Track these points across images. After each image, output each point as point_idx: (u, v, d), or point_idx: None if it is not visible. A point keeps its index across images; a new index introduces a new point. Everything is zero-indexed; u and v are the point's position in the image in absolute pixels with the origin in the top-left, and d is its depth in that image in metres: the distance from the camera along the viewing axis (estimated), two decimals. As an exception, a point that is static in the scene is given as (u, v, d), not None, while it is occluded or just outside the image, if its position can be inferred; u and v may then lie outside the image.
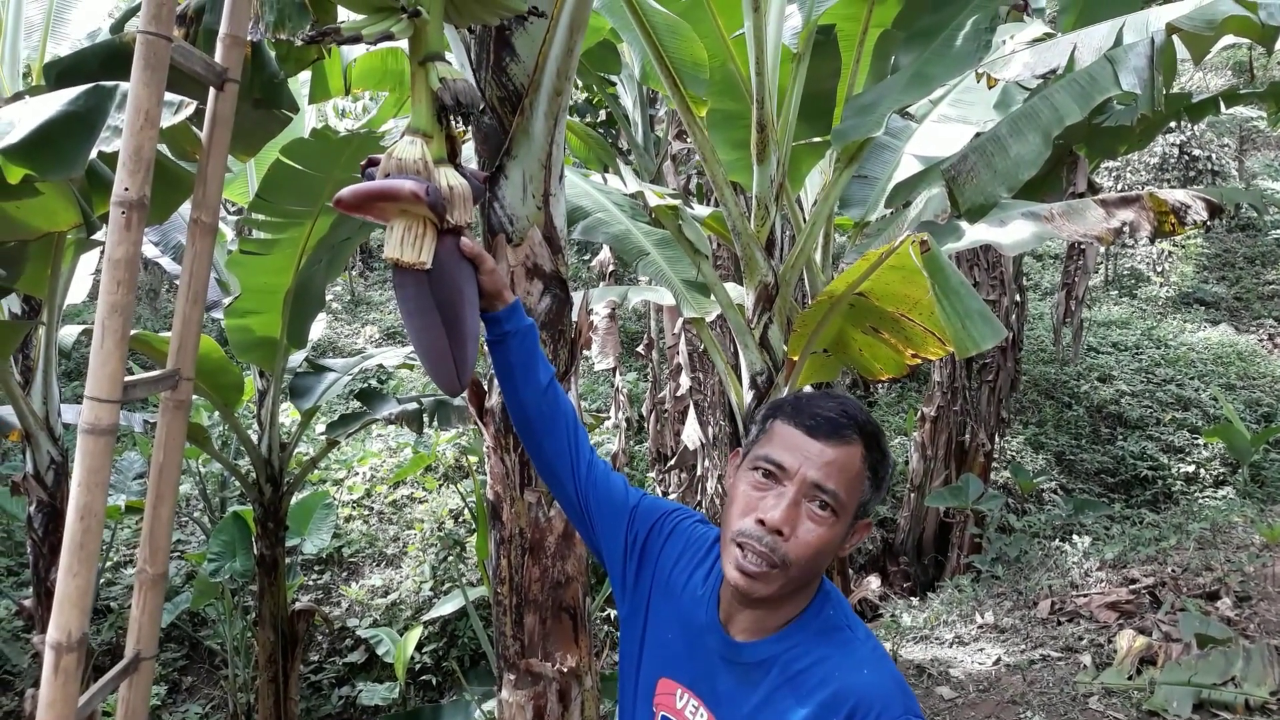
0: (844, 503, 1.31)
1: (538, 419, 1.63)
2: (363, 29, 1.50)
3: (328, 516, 7.49)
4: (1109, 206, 4.71)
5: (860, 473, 1.32)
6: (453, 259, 1.54)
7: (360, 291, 14.14)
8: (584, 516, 1.63)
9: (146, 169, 1.70)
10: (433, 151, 1.53)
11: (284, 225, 4.42)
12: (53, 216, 2.58)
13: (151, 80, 1.70)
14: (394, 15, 1.50)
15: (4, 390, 4.27)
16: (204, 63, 1.89)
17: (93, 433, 1.66)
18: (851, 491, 1.32)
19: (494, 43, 2.13)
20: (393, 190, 1.46)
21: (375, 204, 1.50)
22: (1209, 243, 14.31)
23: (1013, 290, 8.16)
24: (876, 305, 2.84)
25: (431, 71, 1.53)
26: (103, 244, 2.79)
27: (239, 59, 1.98)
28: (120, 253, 1.68)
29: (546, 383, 1.63)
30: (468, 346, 1.58)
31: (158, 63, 1.71)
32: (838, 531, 1.32)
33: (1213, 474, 9.56)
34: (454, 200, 1.52)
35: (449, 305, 1.55)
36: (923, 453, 8.28)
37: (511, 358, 1.62)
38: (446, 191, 1.51)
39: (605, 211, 4.24)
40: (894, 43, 4.04)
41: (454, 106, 1.51)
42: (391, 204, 1.48)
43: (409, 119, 1.57)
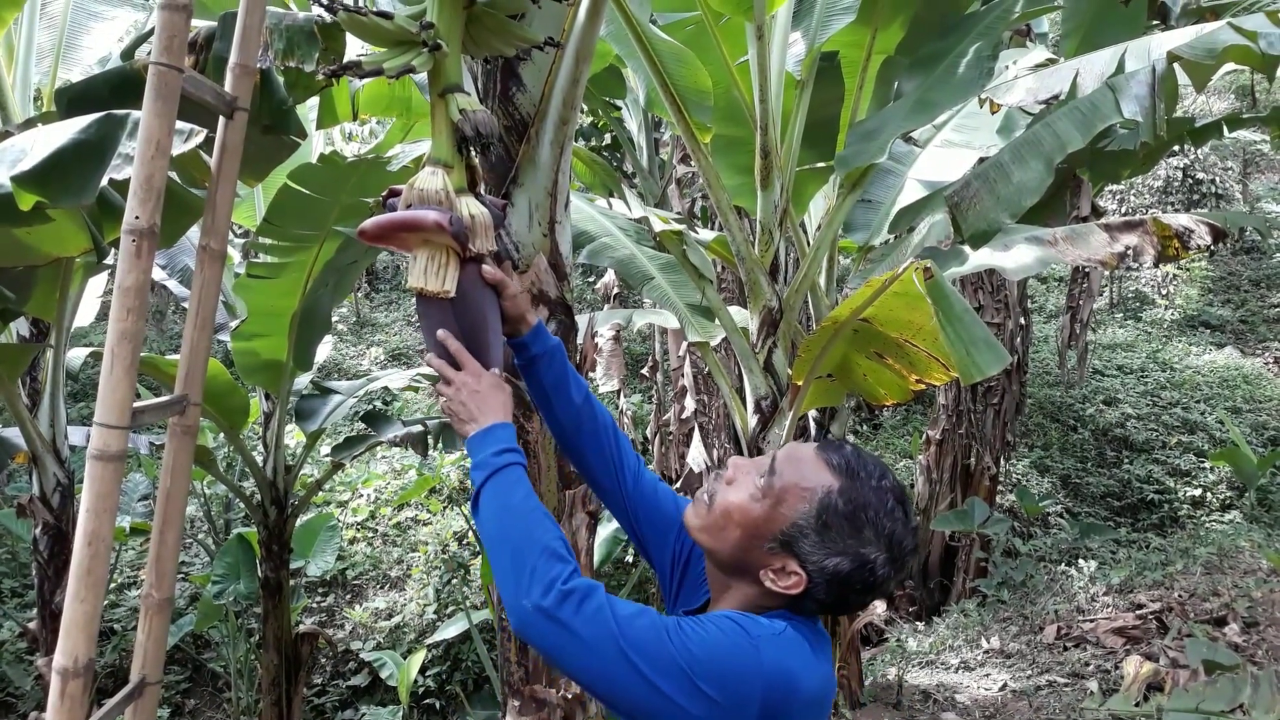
0: (774, 491, 1.32)
1: (577, 435, 1.66)
2: (384, 63, 1.52)
3: (332, 539, 7.49)
4: (1112, 231, 4.73)
5: (812, 492, 1.31)
6: (476, 286, 1.56)
7: (366, 313, 14.17)
8: (634, 527, 1.66)
9: (157, 198, 1.72)
10: (453, 181, 1.55)
11: (291, 249, 4.45)
12: (63, 242, 2.61)
13: (163, 110, 1.72)
14: (415, 49, 1.52)
15: (11, 412, 4.29)
16: (214, 92, 1.91)
17: (101, 459, 1.67)
18: (790, 494, 1.32)
19: (501, 73, 2.16)
20: (416, 221, 1.49)
21: (399, 234, 1.53)
22: (1214, 266, 14.30)
23: (1017, 313, 8.15)
24: (880, 331, 2.86)
25: (452, 103, 1.55)
26: (111, 267, 2.82)
27: (248, 88, 2.00)
28: (130, 280, 1.70)
29: (582, 399, 1.66)
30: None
31: (169, 93, 1.73)
32: (755, 511, 1.33)
33: (1219, 498, 9.51)
34: (476, 229, 1.54)
35: (473, 332, 1.57)
36: (928, 476, 8.25)
37: (543, 379, 1.65)
38: (468, 220, 1.53)
39: (610, 236, 4.27)
40: (897, 69, 4.08)
41: (474, 137, 1.54)
42: (415, 234, 1.51)
43: (429, 150, 1.59)
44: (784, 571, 1.32)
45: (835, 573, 1.30)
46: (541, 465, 2.31)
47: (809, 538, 1.30)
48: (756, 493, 1.34)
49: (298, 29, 2.78)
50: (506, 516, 1.37)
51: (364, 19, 1.53)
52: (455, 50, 1.57)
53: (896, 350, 2.89)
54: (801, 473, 1.33)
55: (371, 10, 1.54)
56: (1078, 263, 4.59)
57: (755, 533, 1.33)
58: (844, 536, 1.30)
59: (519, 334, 1.65)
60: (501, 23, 1.64)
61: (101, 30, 4.94)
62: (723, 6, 3.53)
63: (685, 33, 3.80)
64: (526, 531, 1.33)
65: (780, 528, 1.31)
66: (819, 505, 1.30)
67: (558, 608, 1.23)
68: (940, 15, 3.98)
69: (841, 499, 1.30)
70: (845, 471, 1.32)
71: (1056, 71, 3.61)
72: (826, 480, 1.31)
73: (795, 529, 1.31)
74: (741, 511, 1.34)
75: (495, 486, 1.40)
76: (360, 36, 1.59)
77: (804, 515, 1.31)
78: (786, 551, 1.31)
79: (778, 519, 1.32)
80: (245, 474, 8.00)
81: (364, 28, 1.56)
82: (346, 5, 1.55)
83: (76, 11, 4.86)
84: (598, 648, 1.22)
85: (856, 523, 1.30)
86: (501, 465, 1.42)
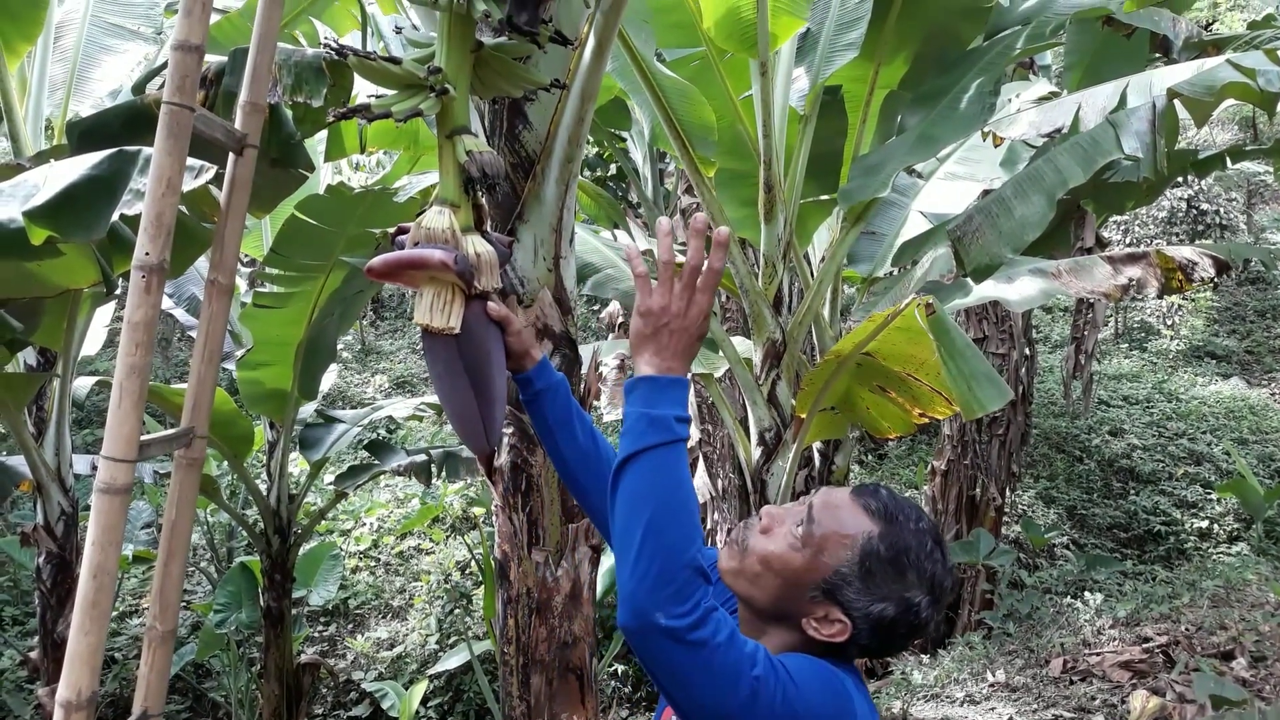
0: (815, 540, 1.31)
1: (581, 470, 1.66)
2: (393, 106, 1.55)
3: (334, 568, 7.47)
4: (1116, 263, 4.74)
5: (853, 540, 1.30)
6: (480, 323, 1.59)
7: (371, 341, 14.22)
8: None
9: (167, 234, 1.74)
10: (460, 220, 1.58)
11: (297, 279, 4.48)
12: (72, 274, 2.63)
13: (174, 149, 1.75)
14: (423, 93, 1.55)
15: (17, 441, 4.30)
16: (224, 130, 1.93)
17: (108, 492, 1.68)
18: (831, 542, 1.31)
19: (507, 111, 2.19)
20: (422, 259, 1.51)
21: (405, 272, 1.55)
22: (1219, 296, 14.30)
23: (1022, 344, 8.16)
24: (883, 365, 2.87)
25: (459, 144, 1.58)
26: (118, 296, 2.84)
27: (258, 125, 2.02)
28: (139, 315, 1.72)
29: (586, 434, 1.66)
30: (496, 408, 1.63)
31: (180, 131, 1.75)
32: (795, 561, 1.31)
33: (1226, 530, 9.45)
34: (481, 267, 1.57)
35: (477, 368, 1.59)
36: (933, 507, 8.23)
37: (547, 414, 1.65)
38: (474, 259, 1.55)
39: (615, 268, 4.29)
40: (900, 103, 4.11)
41: (481, 178, 1.56)
42: (421, 272, 1.53)
43: (437, 189, 1.62)
44: (827, 620, 1.31)
45: (880, 618, 1.29)
46: (545, 499, 2.32)
47: (852, 585, 1.29)
48: (796, 542, 1.32)
49: (306, 65, 2.81)
50: (663, 503, 1.23)
51: (373, 64, 1.56)
52: (463, 93, 1.60)
53: (899, 384, 2.90)
54: (840, 520, 1.32)
55: (380, 55, 1.56)
56: (1081, 295, 4.60)
57: (796, 581, 1.32)
58: (888, 582, 1.29)
59: (523, 369, 1.66)
60: (508, 66, 1.67)
61: (113, 63, 5.00)
62: (727, 43, 3.57)
63: (690, 68, 3.85)
64: (684, 532, 1.22)
65: (823, 576, 1.30)
66: (861, 552, 1.29)
67: (692, 632, 1.17)
68: (942, 51, 4.02)
69: (883, 544, 1.29)
70: (884, 516, 1.31)
71: (1059, 105, 3.65)
72: (866, 526, 1.31)
73: (838, 577, 1.30)
74: (781, 561, 1.33)
75: (667, 457, 1.25)
76: (369, 80, 1.62)
77: (847, 563, 1.30)
78: (829, 600, 1.31)
79: (819, 568, 1.31)
80: (248, 502, 8.00)
81: (373, 72, 1.58)
82: (356, 50, 1.57)
83: (89, 45, 4.93)
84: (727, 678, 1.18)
85: (899, 567, 1.29)
86: (681, 437, 1.28)
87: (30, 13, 4.32)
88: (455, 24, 1.58)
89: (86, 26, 4.92)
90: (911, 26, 4.00)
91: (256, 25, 1.99)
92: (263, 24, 1.99)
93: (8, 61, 4.40)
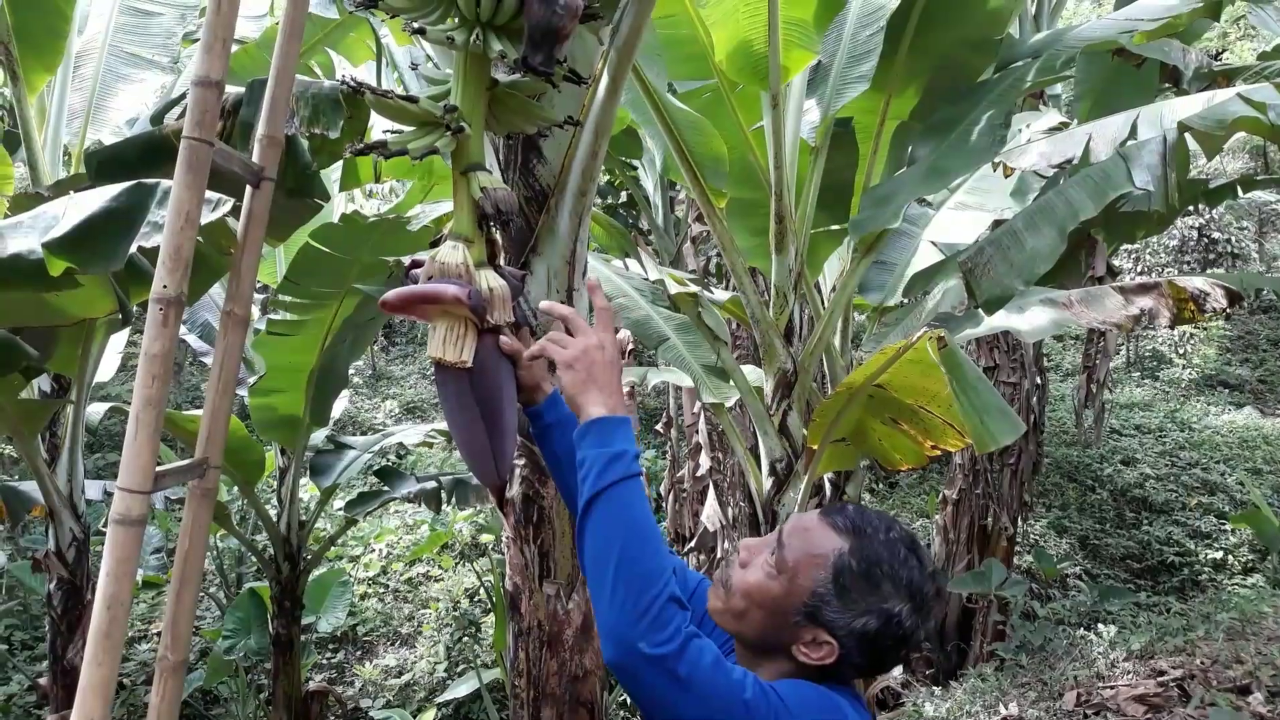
0: (789, 566, 1.33)
1: None
2: (409, 143, 1.57)
3: (343, 594, 7.46)
4: (1127, 293, 4.73)
5: (824, 558, 1.32)
6: (493, 357, 1.60)
7: (381, 366, 14.26)
8: None
9: (185, 268, 1.76)
10: (474, 255, 1.59)
11: (311, 306, 4.51)
12: (89, 304, 2.66)
13: (193, 183, 1.77)
14: (439, 131, 1.57)
15: (30, 468, 4.32)
16: (242, 163, 1.96)
17: (123, 523, 1.69)
18: (803, 564, 1.32)
19: (522, 145, 2.21)
20: (436, 294, 1.53)
21: (419, 306, 1.57)
22: (1231, 325, 14.24)
23: (1033, 372, 8.13)
24: (895, 397, 2.86)
25: (473, 181, 1.60)
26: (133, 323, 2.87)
27: (275, 158, 2.05)
28: (157, 348, 1.73)
29: None
30: (506, 440, 1.64)
31: (199, 166, 1.78)
32: (774, 589, 1.33)
33: (1241, 561, 9.36)
34: (494, 301, 1.58)
35: (489, 401, 1.61)
36: (945, 536, 8.17)
37: (557, 447, 1.66)
38: (487, 293, 1.57)
39: (626, 297, 4.31)
40: (911, 134, 4.13)
41: (494, 214, 1.58)
42: (435, 306, 1.55)
43: (451, 224, 1.64)
44: (815, 643, 1.33)
45: (864, 633, 1.30)
46: (556, 531, 2.32)
47: (831, 604, 1.31)
48: (771, 570, 1.34)
49: (324, 97, 2.85)
50: (633, 535, 1.27)
51: (390, 102, 1.58)
52: (477, 131, 1.61)
53: (912, 416, 2.90)
54: (811, 541, 1.34)
55: (396, 94, 1.58)
56: (1093, 325, 4.59)
57: (778, 609, 1.33)
58: (865, 595, 1.30)
59: (534, 402, 1.68)
60: (523, 103, 1.69)
61: (130, 92, 5.04)
62: (739, 76, 3.60)
63: (701, 100, 3.87)
64: (655, 562, 1.25)
65: (802, 600, 1.32)
66: (833, 569, 1.31)
67: (677, 660, 1.19)
68: (953, 82, 4.04)
69: (854, 559, 1.31)
70: (852, 531, 1.33)
71: (1070, 136, 3.65)
72: (835, 543, 1.33)
73: (816, 598, 1.31)
74: (760, 591, 1.35)
75: (631, 491, 1.31)
76: (386, 116, 1.64)
77: (821, 583, 1.31)
78: (813, 623, 1.32)
79: (797, 592, 1.32)
80: (258, 527, 8.00)
81: (389, 109, 1.60)
82: (373, 88, 1.59)
83: (107, 74, 4.98)
84: (718, 704, 1.20)
85: (873, 579, 1.30)
86: (636, 472, 1.34)
87: (51, 43, 4.39)
88: (471, 63, 1.60)
89: (105, 56, 4.98)
90: (922, 59, 4.02)
91: (275, 59, 2.02)
92: (281, 58, 2.01)
93: (28, 91, 4.46)
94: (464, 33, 1.56)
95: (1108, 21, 3.95)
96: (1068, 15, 15.59)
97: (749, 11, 3.40)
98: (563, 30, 1.50)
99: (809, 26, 3.49)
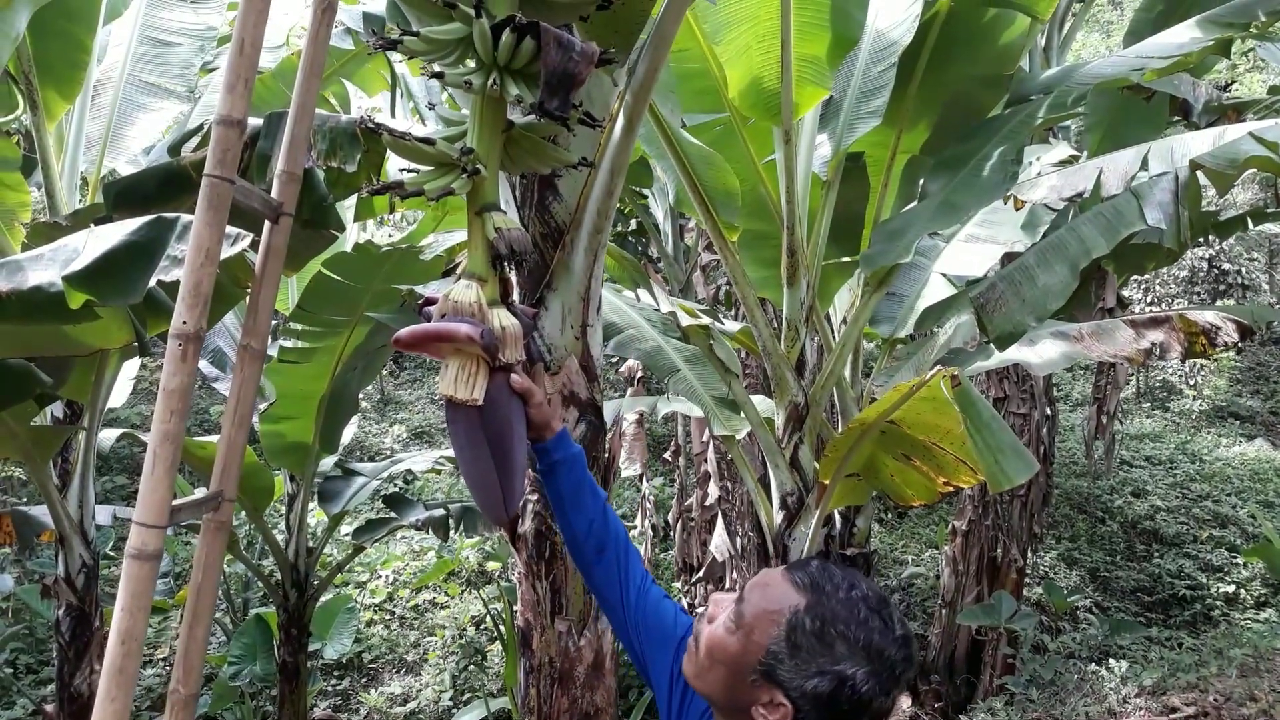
0: (745, 621, 1.29)
1: (588, 546, 1.68)
2: (425, 184, 1.58)
3: (350, 621, 7.43)
4: (1138, 327, 4.72)
5: (779, 614, 1.27)
6: (503, 395, 1.61)
7: (390, 391, 14.27)
8: (632, 639, 1.66)
9: (204, 304, 1.77)
10: (487, 294, 1.61)
11: (322, 334, 4.53)
12: (106, 335, 2.67)
13: (214, 220, 1.78)
14: (454, 172, 1.58)
15: (42, 493, 4.33)
16: (261, 199, 1.98)
17: (139, 558, 1.69)
18: (760, 620, 1.28)
19: (538, 183, 2.23)
20: (449, 332, 1.54)
21: (432, 344, 1.58)
22: (1242, 357, 14.19)
23: (1043, 403, 8.10)
24: (908, 433, 2.86)
25: (488, 222, 1.61)
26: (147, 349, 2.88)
27: (294, 194, 2.07)
28: (175, 383, 1.74)
29: (597, 510, 1.69)
30: (515, 479, 1.65)
31: (220, 203, 1.79)
32: (731, 645, 1.30)
33: (1254, 595, 9.27)
34: (506, 340, 1.59)
35: (499, 439, 1.61)
36: (954, 568, 8.12)
37: (561, 486, 1.68)
38: (499, 332, 1.58)
39: (637, 328, 4.32)
40: (921, 167, 4.15)
41: (508, 254, 1.59)
42: (447, 344, 1.56)
43: (465, 263, 1.65)
44: (772, 704, 1.27)
45: (816, 696, 1.23)
46: (568, 567, 2.32)
47: (784, 663, 1.25)
48: (730, 624, 1.31)
49: (341, 131, 2.88)
50: None
51: (407, 143, 1.60)
52: (493, 171, 1.63)
53: (924, 453, 2.89)
54: (769, 596, 1.30)
55: (413, 136, 1.60)
56: (1104, 359, 4.58)
57: (735, 667, 1.29)
58: (815, 655, 1.24)
59: (543, 439, 1.69)
60: (538, 145, 1.71)
61: (147, 121, 5.09)
62: (751, 111, 3.63)
63: (713, 133, 3.90)
64: None
65: (758, 658, 1.27)
66: (787, 626, 1.26)
67: None
68: (963, 118, 4.06)
69: (808, 616, 1.25)
70: (810, 587, 1.28)
71: (1080, 170, 3.66)
72: (793, 600, 1.28)
73: (771, 656, 1.26)
74: (720, 647, 1.31)
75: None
76: (403, 157, 1.66)
77: (775, 640, 1.26)
78: (770, 682, 1.27)
79: (752, 649, 1.28)
80: (264, 551, 7.99)
81: (406, 150, 1.62)
82: (390, 130, 1.61)
83: (124, 103, 5.02)
84: None
85: (826, 638, 1.24)
86: None
87: (71, 73, 4.45)
88: (488, 106, 1.62)
89: (123, 85, 5.03)
90: (933, 94, 4.05)
91: (295, 96, 2.04)
92: (301, 95, 2.03)
93: (47, 119, 4.51)
94: (481, 76, 1.57)
95: (1118, 59, 3.97)
96: (1077, 47, 15.68)
97: (762, 49, 3.43)
98: (579, 76, 1.52)
99: (821, 63, 3.51)
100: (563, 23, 1.56)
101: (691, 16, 3.39)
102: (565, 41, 1.50)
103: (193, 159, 3.11)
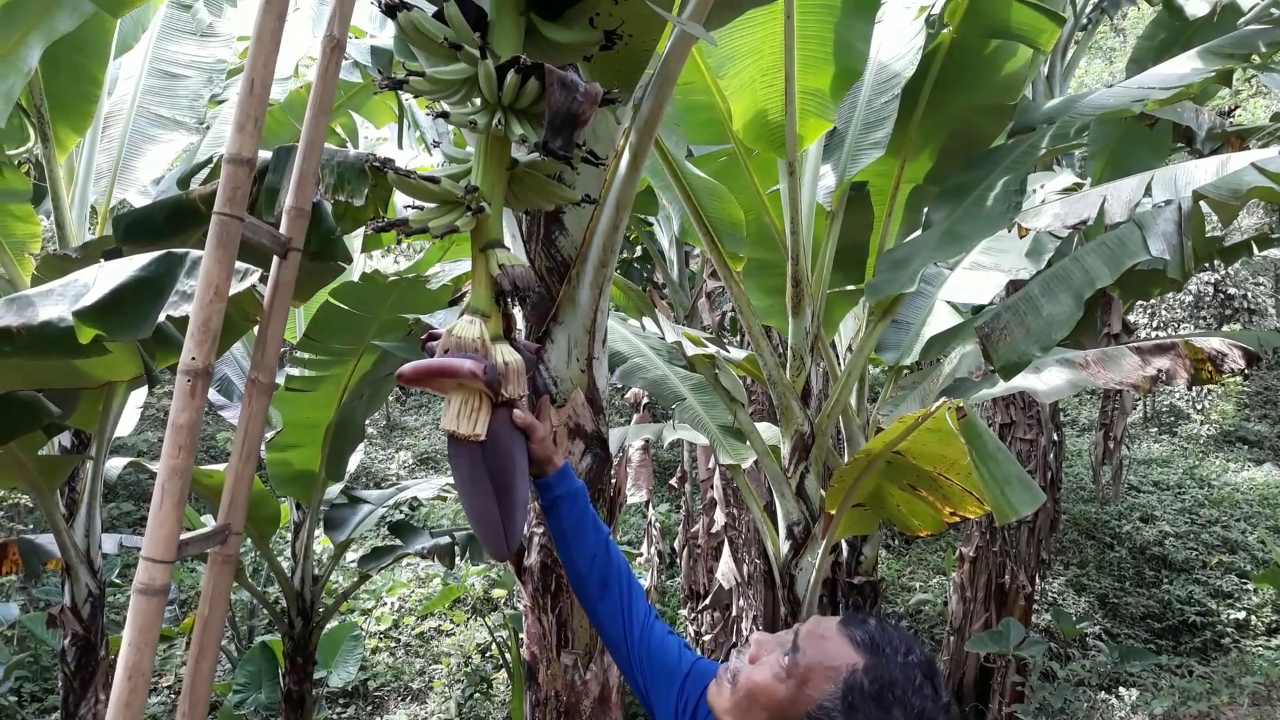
0: (799, 671, 1.29)
1: (591, 580, 1.68)
2: (430, 221, 1.60)
3: (355, 648, 7.42)
4: (1144, 354, 4.72)
5: (837, 671, 1.27)
6: (506, 430, 1.62)
7: (396, 416, 14.29)
8: (636, 675, 1.65)
9: (213, 340, 1.78)
10: (490, 330, 1.62)
11: (329, 363, 4.55)
12: (115, 368, 2.69)
13: (223, 257, 1.79)
14: (459, 210, 1.60)
15: (49, 522, 4.34)
16: (270, 235, 1.99)
17: (146, 593, 1.69)
18: (815, 673, 1.28)
19: (544, 218, 2.24)
20: (452, 368, 1.55)
21: (435, 379, 1.59)
22: (1249, 381, 14.15)
23: (1050, 429, 8.08)
24: (914, 464, 2.86)
25: (492, 258, 1.62)
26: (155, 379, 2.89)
27: (302, 229, 2.08)
28: (184, 419, 1.75)
29: (599, 545, 1.69)
30: (517, 514, 1.65)
31: (229, 241, 1.81)
32: (780, 693, 1.29)
33: (1264, 621, 9.20)
34: (509, 376, 1.60)
35: (501, 474, 1.62)
36: (961, 594, 8.07)
37: (564, 521, 1.68)
38: (502, 367, 1.59)
39: (643, 357, 4.33)
40: (925, 196, 4.17)
41: (512, 290, 1.60)
42: (450, 379, 1.57)
43: (469, 298, 1.66)
44: None
45: None
46: (574, 600, 2.31)
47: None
48: (780, 672, 1.30)
49: (349, 166, 2.91)
50: None
51: (412, 182, 1.62)
52: (497, 209, 1.65)
53: (930, 483, 2.89)
54: (825, 650, 1.30)
55: (419, 174, 1.62)
56: (1110, 386, 4.58)
57: (780, 714, 1.29)
58: (872, 717, 1.24)
59: (545, 474, 1.70)
60: (542, 182, 1.72)
61: (156, 152, 5.13)
62: (755, 143, 3.65)
63: (718, 163, 3.93)
64: None
65: (806, 710, 1.27)
66: (844, 685, 1.26)
67: None
68: (967, 147, 4.09)
69: (867, 678, 1.25)
70: (870, 648, 1.28)
71: (1084, 198, 3.68)
72: (851, 658, 1.27)
73: (821, 711, 1.26)
74: (766, 693, 1.31)
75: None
76: (408, 194, 1.67)
77: (830, 696, 1.26)
78: None
79: (803, 700, 1.28)
80: (270, 579, 7.98)
81: (412, 189, 1.64)
82: (396, 168, 1.63)
83: (134, 135, 5.07)
84: None
85: (884, 702, 1.24)
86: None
87: (82, 106, 4.49)
88: (493, 144, 1.64)
89: (133, 117, 5.09)
90: (936, 124, 4.07)
91: (304, 132, 2.06)
92: (310, 131, 2.05)
93: (58, 151, 4.56)
94: (486, 116, 1.59)
95: (1120, 90, 4.00)
96: (1079, 73, 15.75)
97: (766, 82, 3.46)
98: (582, 116, 1.53)
99: (825, 96, 3.54)
100: (567, 63, 1.58)
101: (696, 51, 3.42)
102: (569, 82, 1.52)
103: (201, 192, 3.14)
